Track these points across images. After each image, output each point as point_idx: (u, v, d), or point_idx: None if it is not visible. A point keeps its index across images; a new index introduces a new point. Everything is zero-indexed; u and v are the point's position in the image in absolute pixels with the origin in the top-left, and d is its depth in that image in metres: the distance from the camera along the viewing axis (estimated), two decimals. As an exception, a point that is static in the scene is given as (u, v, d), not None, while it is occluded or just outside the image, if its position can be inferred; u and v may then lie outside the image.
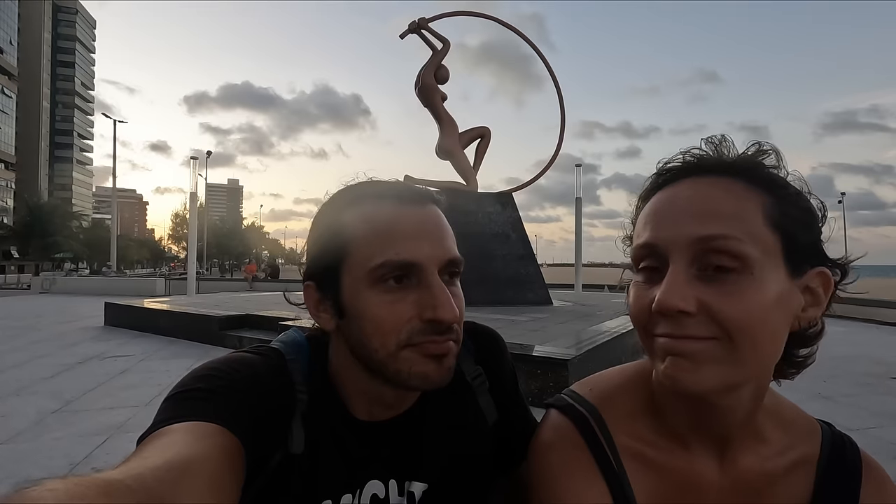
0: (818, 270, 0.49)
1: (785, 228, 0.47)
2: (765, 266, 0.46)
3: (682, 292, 0.45)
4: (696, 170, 0.51)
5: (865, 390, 4.85)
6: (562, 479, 0.55)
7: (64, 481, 0.32)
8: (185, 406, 0.48)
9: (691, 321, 0.45)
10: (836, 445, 0.56)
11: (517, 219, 10.04)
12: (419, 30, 10.19)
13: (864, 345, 7.55)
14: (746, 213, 0.46)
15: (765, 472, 0.54)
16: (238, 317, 7.42)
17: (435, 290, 0.54)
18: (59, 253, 47.09)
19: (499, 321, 6.15)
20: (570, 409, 0.60)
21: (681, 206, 0.48)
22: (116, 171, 30.25)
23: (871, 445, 3.34)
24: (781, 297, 0.46)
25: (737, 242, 0.45)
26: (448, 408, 0.66)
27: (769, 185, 0.49)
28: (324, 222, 0.60)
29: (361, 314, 0.55)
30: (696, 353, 0.45)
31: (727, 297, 0.45)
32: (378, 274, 0.54)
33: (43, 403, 4.19)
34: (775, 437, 0.55)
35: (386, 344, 0.54)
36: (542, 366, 3.94)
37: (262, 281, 22.27)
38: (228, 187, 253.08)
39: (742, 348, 0.45)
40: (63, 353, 6.41)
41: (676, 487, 0.54)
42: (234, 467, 0.46)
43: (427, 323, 0.54)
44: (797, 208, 0.49)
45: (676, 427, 0.55)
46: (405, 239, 0.55)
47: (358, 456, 0.60)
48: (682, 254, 0.47)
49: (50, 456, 3.09)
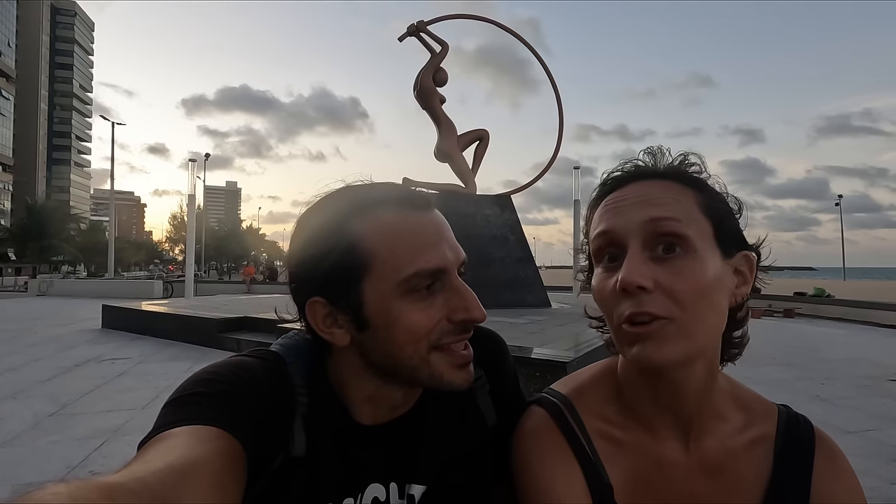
0: (744, 254, 0.58)
1: (714, 216, 0.56)
2: (704, 247, 0.54)
3: (641, 270, 0.52)
4: (638, 175, 0.59)
5: (864, 392, 4.86)
6: (537, 463, 0.61)
7: (67, 485, 0.33)
8: (186, 410, 0.49)
9: (649, 298, 0.52)
10: (791, 423, 0.62)
11: (516, 221, 10.05)
12: (418, 32, 10.22)
13: (863, 347, 7.56)
14: (684, 203, 0.55)
15: (727, 450, 0.59)
16: (236, 319, 7.40)
17: (463, 292, 0.57)
18: (56, 255, 47.00)
19: (498, 323, 6.14)
20: (544, 400, 0.66)
21: (630, 199, 0.57)
22: (114, 173, 30.25)
23: (869, 448, 3.34)
24: (719, 275, 0.54)
25: (679, 224, 0.53)
26: (448, 410, 0.66)
27: (698, 184, 0.59)
28: (326, 231, 0.56)
29: (392, 325, 0.55)
30: (655, 333, 0.52)
31: (677, 274, 0.52)
32: (411, 284, 0.54)
33: (40, 406, 4.18)
34: (735, 417, 0.61)
35: (419, 350, 0.56)
36: (541, 368, 3.93)
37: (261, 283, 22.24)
38: (227, 189, 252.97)
39: (692, 321, 0.52)
40: (60, 356, 6.38)
41: (646, 466, 0.59)
42: (236, 470, 0.46)
43: (456, 324, 0.56)
44: (721, 202, 0.59)
45: (643, 412, 0.61)
46: (430, 246, 0.56)
47: (359, 459, 0.60)
48: (636, 237, 0.54)
49: (47, 459, 3.08)
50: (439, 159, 10.34)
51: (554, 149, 11.08)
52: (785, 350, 7.01)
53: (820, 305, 12.39)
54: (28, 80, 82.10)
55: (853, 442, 3.45)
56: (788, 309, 12.07)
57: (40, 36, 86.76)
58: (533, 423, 0.64)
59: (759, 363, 6.19)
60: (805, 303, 12.73)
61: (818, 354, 6.84)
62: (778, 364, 6.16)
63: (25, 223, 44.87)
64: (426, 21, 10.30)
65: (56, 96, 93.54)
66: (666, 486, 0.59)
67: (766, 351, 6.95)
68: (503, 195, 10.41)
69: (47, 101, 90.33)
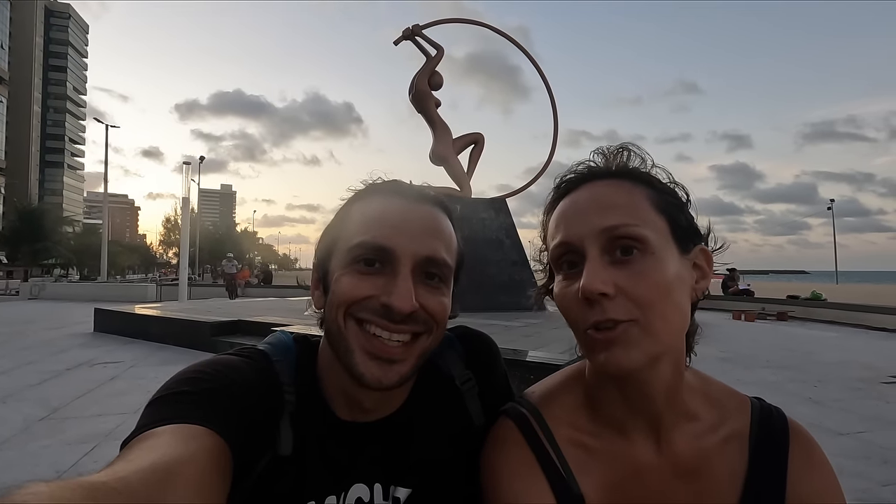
0: (700, 247, 0.58)
1: (668, 212, 0.56)
2: (662, 246, 0.54)
3: (602, 276, 0.52)
4: (590, 177, 0.59)
5: (856, 395, 4.88)
6: (504, 479, 0.59)
7: (48, 484, 0.32)
8: (170, 409, 0.48)
9: (611, 303, 0.52)
10: (765, 417, 0.61)
11: (511, 224, 10.06)
12: (413, 36, 10.24)
13: (855, 350, 7.60)
14: (637, 203, 0.55)
15: (700, 450, 0.58)
16: (230, 322, 7.35)
17: (399, 279, 0.56)
18: (49, 258, 46.53)
19: (493, 326, 6.14)
20: (512, 411, 0.64)
21: (583, 205, 0.57)
22: (108, 176, 30.03)
23: (861, 450, 3.36)
24: (678, 272, 0.54)
25: (635, 228, 0.53)
26: (436, 412, 0.66)
27: (648, 180, 0.58)
28: (337, 215, 0.64)
29: (333, 290, 0.58)
30: (620, 338, 0.52)
31: (636, 276, 0.52)
32: (354, 254, 0.56)
33: (30, 411, 4.12)
34: (706, 414, 0.60)
35: (339, 314, 0.56)
36: (536, 371, 3.93)
37: (255, 287, 22.12)
38: (221, 192, 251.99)
39: (654, 322, 0.52)
40: (51, 360, 6.31)
41: (620, 472, 0.58)
42: (222, 469, 0.45)
43: (381, 306, 0.55)
44: (672, 195, 0.59)
45: (612, 415, 0.60)
46: (385, 227, 0.57)
47: (340, 457, 0.59)
48: (594, 243, 0.54)
49: (36, 463, 3.04)
50: (435, 163, 10.34)
51: (549, 152, 11.12)
52: (778, 353, 7.04)
53: (813, 308, 12.47)
54: (21, 82, 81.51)
55: (846, 444, 3.46)
56: (782, 312, 12.14)
57: (34, 38, 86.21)
58: (499, 435, 0.63)
59: (752, 366, 6.23)
60: (798, 306, 12.81)
61: (811, 357, 6.88)
62: (771, 367, 6.19)
63: (17, 226, 44.34)
64: (422, 25, 10.33)
65: (49, 99, 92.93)
66: (641, 490, 0.57)
67: (759, 354, 6.99)
68: (498, 199, 10.42)
69: (40, 104, 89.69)
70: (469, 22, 11.89)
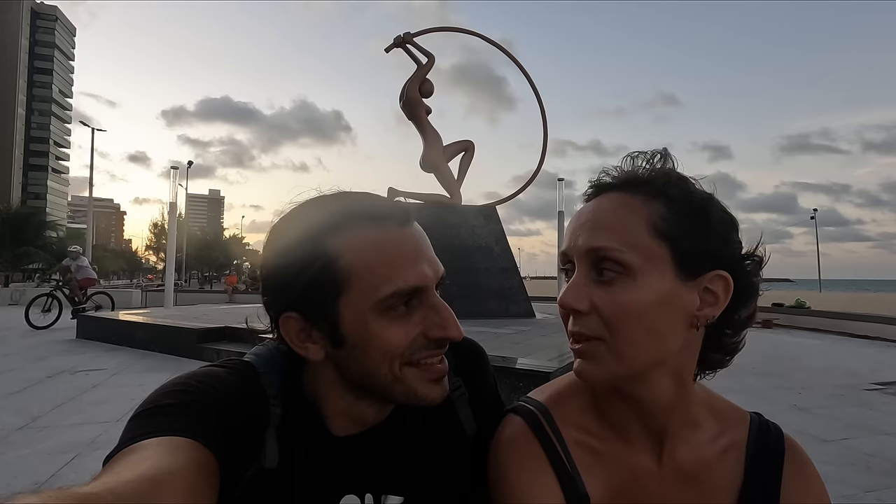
0: (716, 273, 0.55)
1: (671, 237, 0.54)
2: (648, 271, 0.53)
3: (578, 293, 0.55)
4: (606, 188, 0.59)
5: (840, 402, 4.95)
6: (514, 472, 0.60)
7: (38, 495, 0.32)
8: (155, 422, 0.47)
9: (584, 319, 0.54)
10: (762, 431, 0.63)
11: (500, 232, 10.09)
12: (404, 44, 10.28)
13: (838, 357, 7.72)
14: (631, 227, 0.54)
15: (701, 459, 0.60)
16: (217, 329, 7.25)
17: (441, 309, 0.57)
18: (31, 263, 45.58)
19: (482, 333, 6.13)
20: (521, 409, 0.66)
21: (582, 221, 0.58)
22: (94, 180, 29.60)
23: (845, 456, 3.40)
24: (666, 297, 0.53)
25: (619, 252, 0.53)
26: (425, 420, 0.66)
27: (664, 198, 0.55)
28: (302, 245, 0.54)
29: (368, 342, 0.54)
30: (587, 352, 0.55)
31: (610, 298, 0.53)
32: (389, 303, 0.54)
33: (8, 419, 4.02)
34: (709, 425, 0.62)
35: (393, 367, 0.55)
36: (525, 378, 3.93)
37: (243, 293, 21.90)
38: (210, 198, 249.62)
39: (620, 344, 0.53)
40: (31, 367, 6.17)
41: (623, 477, 0.60)
42: (209, 481, 0.45)
43: (432, 341, 0.56)
44: (690, 219, 0.54)
45: (618, 422, 0.61)
46: (408, 265, 0.55)
47: (332, 470, 0.59)
48: (582, 261, 0.56)
49: (14, 475, 2.96)
50: (425, 170, 10.36)
51: (539, 160, 11.20)
52: (763, 360, 7.12)
53: (797, 316, 12.66)
54: (5, 83, 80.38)
55: (830, 450, 3.50)
56: (767, 320, 12.30)
57: (20, 39, 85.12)
58: (509, 432, 0.64)
59: (737, 373, 6.28)
60: (783, 313, 12.99)
61: (796, 364, 6.97)
62: (756, 374, 6.25)
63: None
64: (413, 33, 10.39)
65: (34, 101, 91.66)
66: (643, 496, 0.59)
67: (744, 361, 7.00)
68: (488, 206, 10.46)
69: (25, 106, 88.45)
70: (461, 31, 11.98)
